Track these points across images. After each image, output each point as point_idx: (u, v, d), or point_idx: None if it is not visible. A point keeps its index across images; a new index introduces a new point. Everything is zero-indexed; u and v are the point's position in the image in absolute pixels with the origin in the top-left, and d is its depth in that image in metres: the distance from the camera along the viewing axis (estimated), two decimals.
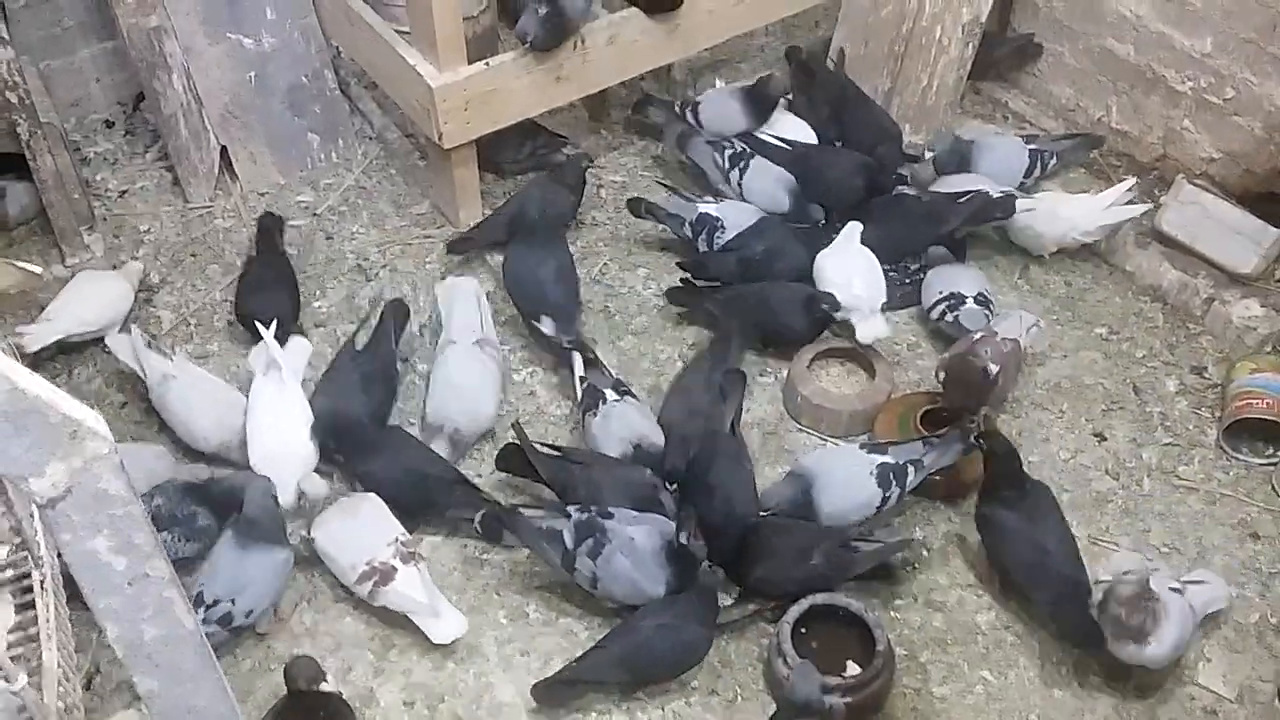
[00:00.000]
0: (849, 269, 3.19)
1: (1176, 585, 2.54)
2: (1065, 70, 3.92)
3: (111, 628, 1.18)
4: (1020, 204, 3.39)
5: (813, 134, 3.70)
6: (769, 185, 3.49)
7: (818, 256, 3.25)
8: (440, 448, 2.89)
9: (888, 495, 2.75)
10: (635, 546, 2.51)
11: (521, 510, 2.68)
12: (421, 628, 2.58)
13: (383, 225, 3.69)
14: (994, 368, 2.92)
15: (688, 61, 3.97)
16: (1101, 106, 3.88)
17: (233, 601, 2.48)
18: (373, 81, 3.86)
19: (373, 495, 2.73)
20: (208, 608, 2.46)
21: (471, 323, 3.09)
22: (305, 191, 3.81)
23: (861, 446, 2.88)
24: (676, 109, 3.74)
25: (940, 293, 3.24)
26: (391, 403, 3.06)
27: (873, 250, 3.23)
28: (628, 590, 2.54)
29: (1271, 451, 3.03)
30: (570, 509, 2.60)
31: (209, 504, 2.63)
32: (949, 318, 3.19)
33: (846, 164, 3.49)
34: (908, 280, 3.42)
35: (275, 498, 2.61)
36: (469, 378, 2.97)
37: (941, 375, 3.01)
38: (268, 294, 3.20)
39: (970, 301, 3.17)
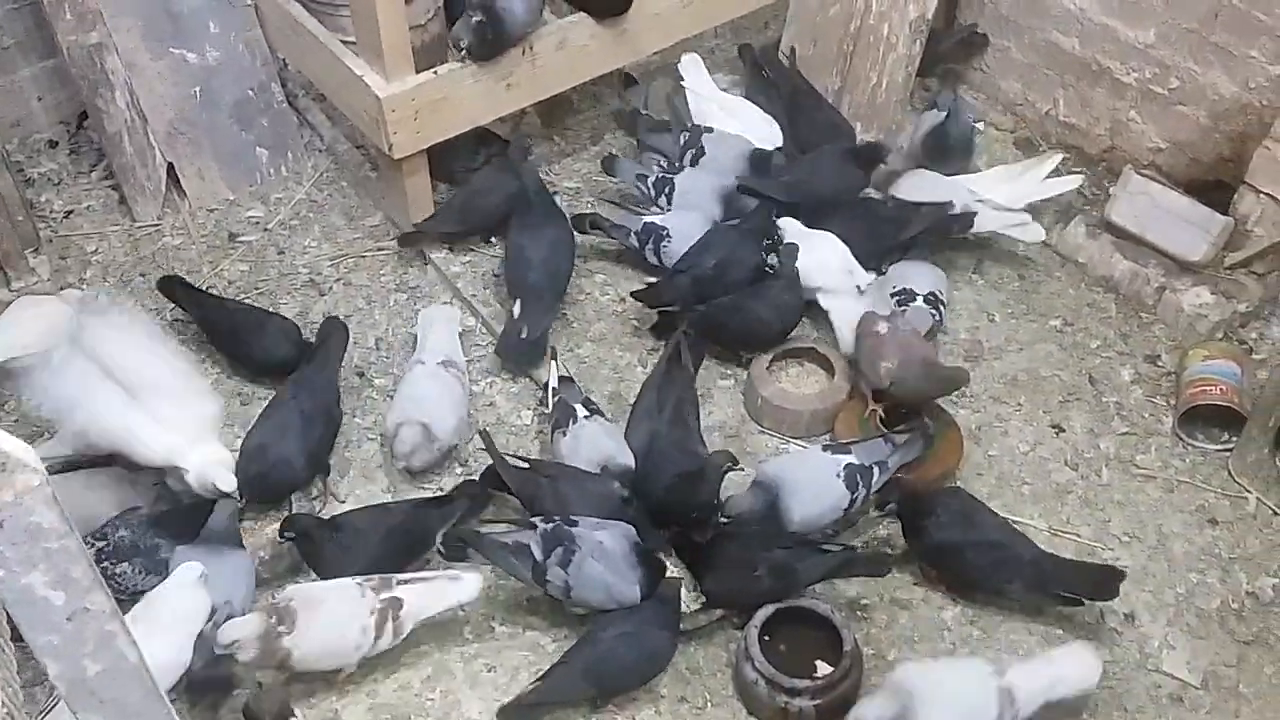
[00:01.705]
0: (826, 253, 3.23)
1: None
2: (1012, 65, 3.95)
3: (52, 665, 1.15)
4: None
5: (776, 127, 3.70)
6: (702, 199, 3.46)
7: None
8: (407, 436, 2.85)
9: (855, 496, 2.75)
10: (605, 550, 2.50)
11: (480, 530, 2.65)
12: (452, 604, 2.57)
13: (335, 239, 3.65)
14: (886, 365, 2.91)
15: (639, 65, 3.96)
16: (1049, 100, 3.91)
17: (228, 602, 2.45)
18: (321, 93, 3.82)
19: (318, 587, 2.59)
20: (210, 616, 2.41)
21: (443, 348, 3.09)
22: (255, 206, 3.76)
23: (825, 448, 2.88)
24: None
25: (894, 287, 3.25)
26: (331, 440, 3.00)
27: None
28: (602, 595, 2.52)
29: (1226, 437, 3.06)
30: (535, 520, 2.58)
31: (172, 536, 2.57)
32: (897, 311, 3.20)
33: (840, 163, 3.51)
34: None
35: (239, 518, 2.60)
36: (429, 392, 2.94)
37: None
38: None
39: (920, 300, 3.18)
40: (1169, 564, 2.83)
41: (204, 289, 3.35)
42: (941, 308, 3.22)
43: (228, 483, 2.63)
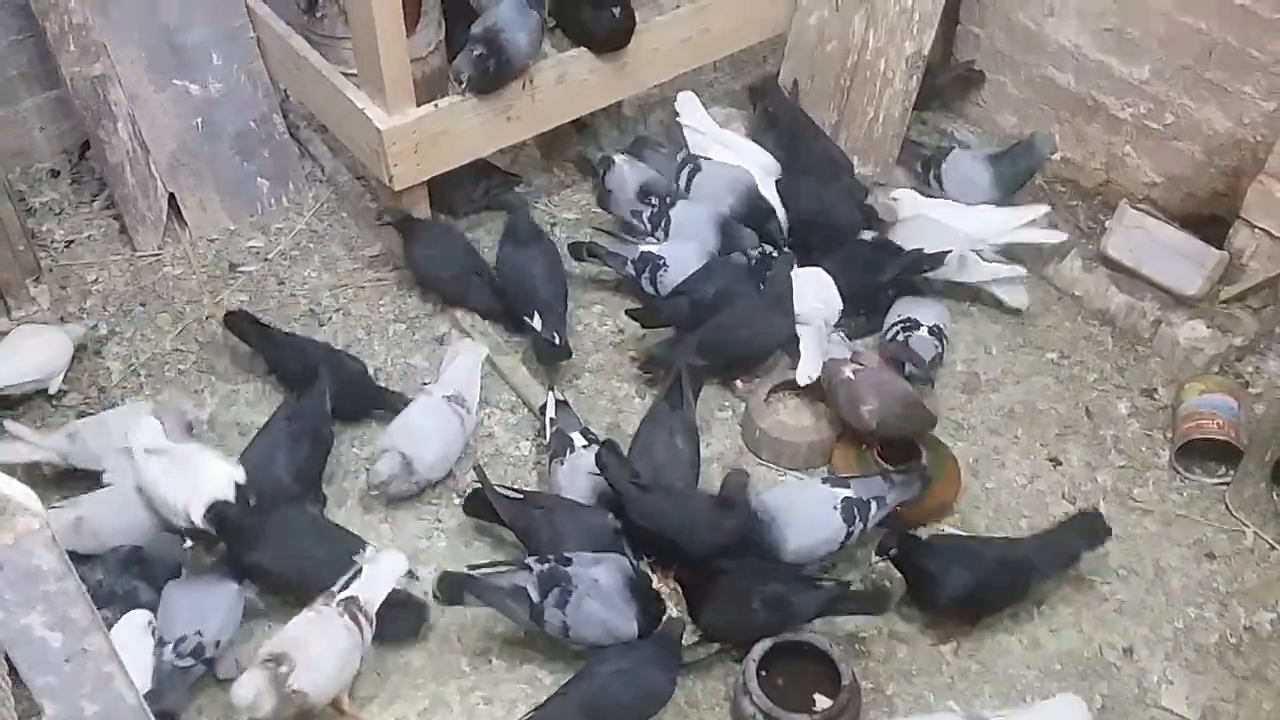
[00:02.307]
0: (803, 283, 3.25)
1: None
2: (1008, 99, 3.98)
3: (50, 706, 1.15)
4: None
5: (770, 160, 3.72)
6: (698, 229, 3.47)
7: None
8: (384, 465, 2.85)
9: (852, 530, 2.75)
10: (601, 588, 2.50)
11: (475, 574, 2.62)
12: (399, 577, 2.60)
13: (335, 269, 3.67)
14: (868, 407, 2.92)
15: (638, 98, 3.99)
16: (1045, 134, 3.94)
17: (199, 633, 2.44)
18: (322, 124, 3.85)
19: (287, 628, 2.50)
20: (175, 646, 2.42)
21: (457, 382, 3.06)
22: (256, 236, 3.78)
23: (824, 481, 2.88)
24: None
25: (899, 315, 3.27)
26: (322, 461, 2.99)
27: None
28: (600, 632, 2.52)
29: (1223, 471, 3.07)
30: (529, 561, 2.58)
31: (148, 576, 2.58)
32: (900, 338, 3.21)
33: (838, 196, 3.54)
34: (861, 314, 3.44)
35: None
36: (424, 423, 2.95)
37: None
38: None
39: (924, 330, 3.20)
40: (1167, 598, 2.82)
41: (270, 325, 3.31)
42: (944, 340, 3.24)
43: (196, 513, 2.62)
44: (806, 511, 2.77)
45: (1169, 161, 3.62)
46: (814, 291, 3.26)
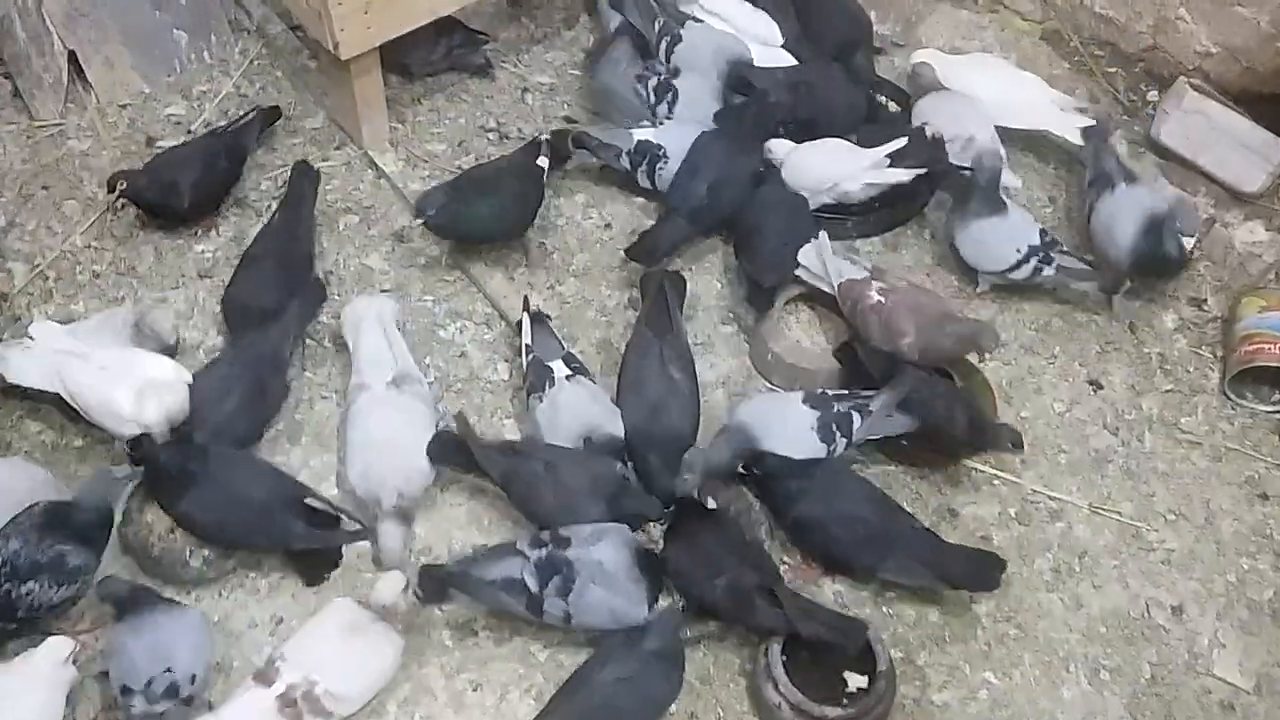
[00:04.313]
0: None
1: None
2: None
3: None
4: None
5: (772, 24, 3.21)
6: (703, 108, 3.01)
7: None
8: (390, 533, 2.35)
9: (832, 449, 2.46)
10: (605, 570, 2.17)
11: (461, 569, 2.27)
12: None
13: (271, 145, 3.14)
14: (907, 340, 2.56)
15: None
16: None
17: (169, 670, 2.06)
18: None
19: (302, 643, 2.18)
20: (144, 691, 2.04)
21: (384, 357, 2.51)
22: (175, 102, 3.22)
23: (803, 401, 2.52)
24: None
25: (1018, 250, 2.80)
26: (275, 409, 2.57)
27: None
28: (606, 618, 2.21)
29: (1278, 397, 2.78)
30: (522, 546, 2.23)
31: (76, 536, 2.17)
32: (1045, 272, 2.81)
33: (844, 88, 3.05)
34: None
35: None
36: (389, 429, 2.40)
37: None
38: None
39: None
40: (1218, 547, 2.57)
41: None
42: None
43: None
44: (781, 433, 2.44)
45: (1229, 29, 3.18)
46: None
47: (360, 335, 2.56)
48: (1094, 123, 3.02)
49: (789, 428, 2.46)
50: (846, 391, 2.55)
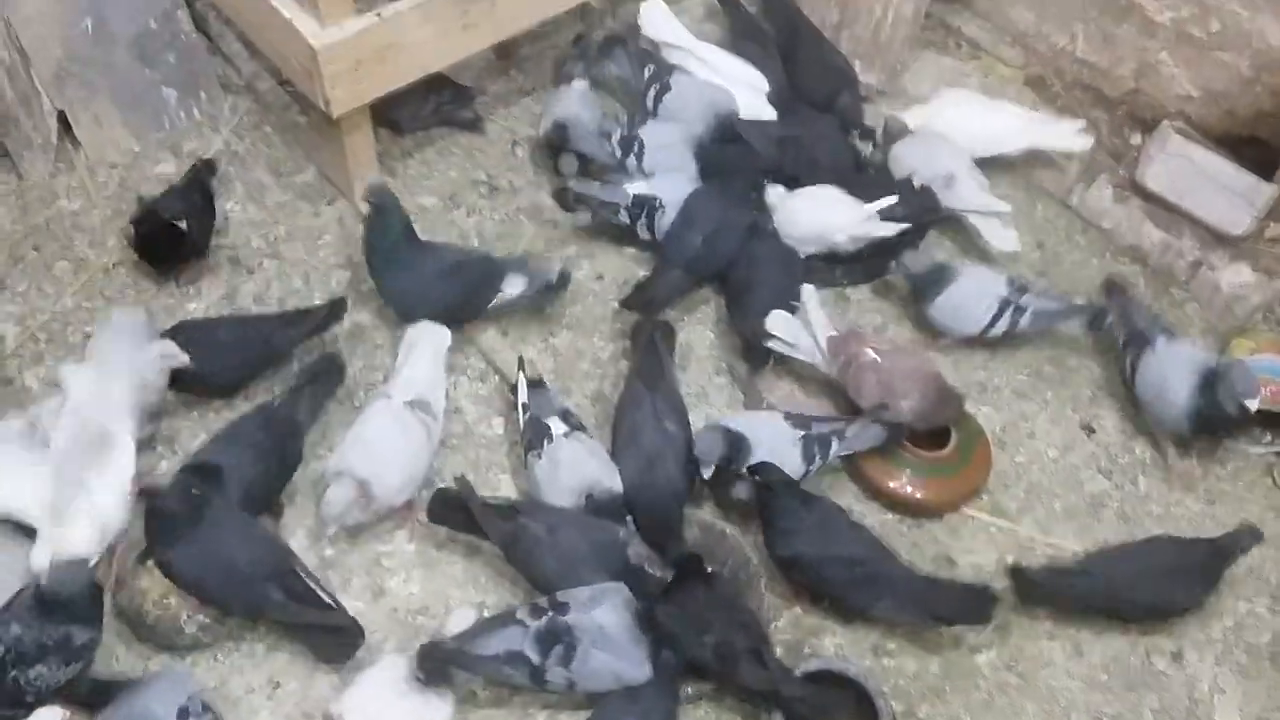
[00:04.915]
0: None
1: None
2: None
3: None
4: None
5: (759, 75, 3.24)
6: (675, 156, 3.04)
7: None
8: (336, 496, 2.38)
9: (810, 469, 2.49)
10: (607, 635, 2.15)
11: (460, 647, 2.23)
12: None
13: (261, 200, 3.14)
14: (908, 403, 2.58)
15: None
16: (1066, 34, 3.50)
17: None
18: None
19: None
20: None
21: (418, 382, 2.56)
22: (165, 159, 3.22)
23: (785, 418, 2.55)
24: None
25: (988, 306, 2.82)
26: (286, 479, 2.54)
27: None
28: (610, 683, 2.19)
29: (1269, 439, 2.80)
30: (520, 615, 2.21)
31: (78, 617, 2.14)
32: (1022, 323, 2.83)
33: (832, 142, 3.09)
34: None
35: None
36: (385, 435, 2.45)
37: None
38: None
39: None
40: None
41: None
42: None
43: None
44: (769, 443, 2.47)
45: (1210, 74, 3.23)
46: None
47: (410, 353, 2.64)
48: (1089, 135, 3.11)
49: (778, 439, 2.48)
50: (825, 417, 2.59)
